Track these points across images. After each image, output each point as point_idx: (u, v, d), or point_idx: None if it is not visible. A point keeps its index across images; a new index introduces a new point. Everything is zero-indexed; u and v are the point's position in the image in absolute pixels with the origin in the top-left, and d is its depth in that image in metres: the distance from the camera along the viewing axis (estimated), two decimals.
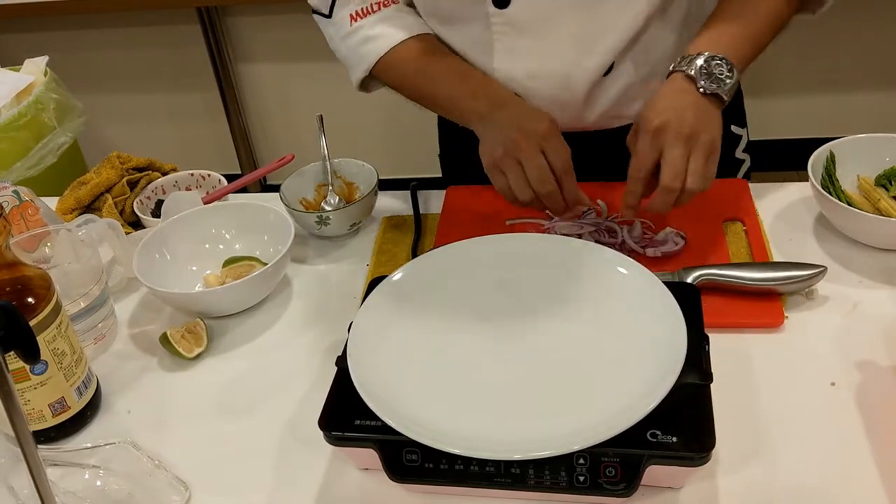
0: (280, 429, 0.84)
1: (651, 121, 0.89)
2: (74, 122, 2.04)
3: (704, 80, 0.91)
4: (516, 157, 0.93)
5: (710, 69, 0.91)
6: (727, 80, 0.91)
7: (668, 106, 0.90)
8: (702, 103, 0.91)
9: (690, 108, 0.90)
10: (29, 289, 0.80)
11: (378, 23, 1.05)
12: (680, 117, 0.88)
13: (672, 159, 0.88)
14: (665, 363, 0.71)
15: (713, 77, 0.91)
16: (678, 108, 0.89)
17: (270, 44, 2.65)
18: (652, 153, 0.89)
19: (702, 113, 0.90)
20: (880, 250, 0.96)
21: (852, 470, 0.73)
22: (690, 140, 0.88)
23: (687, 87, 0.91)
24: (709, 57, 0.91)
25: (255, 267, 1.03)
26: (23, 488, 0.76)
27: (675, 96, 0.91)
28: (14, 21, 2.62)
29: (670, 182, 0.88)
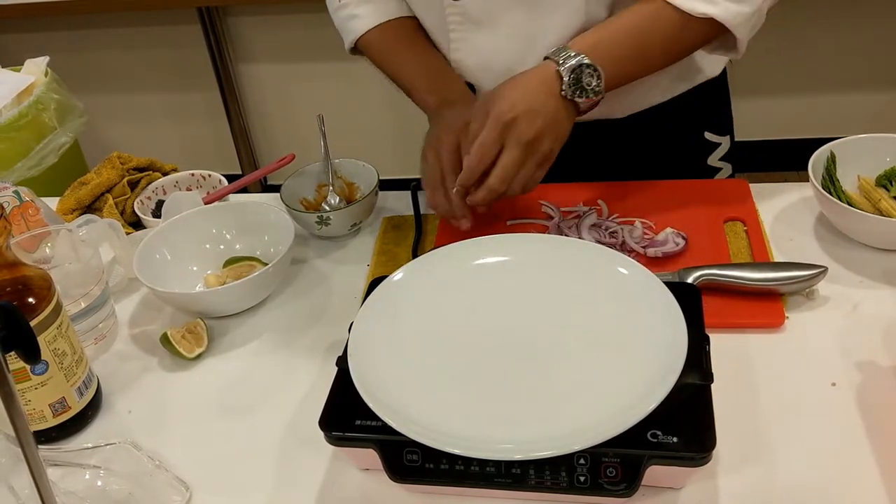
0: (280, 429, 0.84)
1: (504, 113, 0.88)
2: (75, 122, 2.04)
3: (569, 86, 0.89)
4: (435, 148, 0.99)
5: (581, 76, 0.89)
6: (590, 93, 0.90)
7: (524, 101, 0.89)
8: (557, 107, 0.90)
9: (544, 111, 0.89)
10: (29, 289, 0.80)
11: (362, 3, 1.11)
12: (531, 119, 0.88)
13: (507, 163, 0.89)
14: (665, 363, 0.71)
15: (579, 85, 0.89)
16: (533, 109, 0.89)
17: (271, 44, 2.65)
18: (495, 148, 0.90)
19: (552, 118, 0.90)
20: (881, 250, 0.96)
21: (852, 470, 0.73)
22: (531, 146, 0.89)
23: (550, 84, 0.90)
24: (584, 63, 0.89)
25: (256, 267, 1.03)
26: (23, 488, 0.76)
27: (535, 90, 0.90)
28: (15, 21, 2.62)
29: (497, 185, 0.90)
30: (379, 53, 1.13)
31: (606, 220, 1.04)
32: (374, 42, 1.12)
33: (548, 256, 0.87)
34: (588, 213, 1.04)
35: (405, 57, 1.10)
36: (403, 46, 1.11)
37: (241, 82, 2.75)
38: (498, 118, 0.89)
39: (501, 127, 0.89)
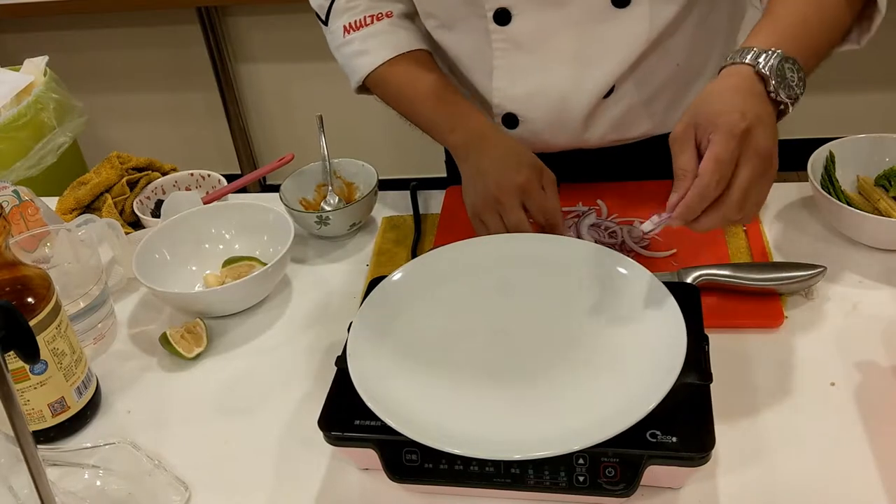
0: (280, 429, 0.84)
1: (737, 124, 0.72)
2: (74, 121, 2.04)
3: (778, 84, 0.76)
4: (497, 211, 0.93)
5: (783, 72, 0.76)
6: (797, 91, 0.77)
7: (751, 110, 0.73)
8: (771, 112, 0.76)
9: (766, 118, 0.74)
10: (29, 289, 0.80)
11: (369, 37, 1.05)
12: (763, 129, 0.73)
13: (746, 179, 0.73)
14: (665, 363, 0.71)
15: (785, 82, 0.76)
16: (760, 117, 0.73)
17: (270, 44, 2.65)
18: (733, 165, 0.73)
19: (772, 125, 0.75)
20: (880, 250, 0.96)
21: (852, 470, 0.73)
22: (767, 162, 0.74)
23: (758, 90, 0.76)
24: (782, 58, 0.76)
25: (255, 267, 1.03)
26: (22, 488, 0.76)
27: (751, 100, 0.75)
28: (14, 21, 2.62)
29: (735, 210, 0.73)
30: (389, 91, 1.06)
31: (606, 219, 1.04)
32: (383, 79, 1.05)
33: (547, 256, 0.87)
34: (587, 212, 1.04)
35: (417, 93, 1.03)
36: (416, 82, 1.03)
37: (240, 82, 2.75)
38: (732, 130, 0.72)
39: (739, 139, 0.72)
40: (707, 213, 0.74)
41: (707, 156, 0.73)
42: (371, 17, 1.05)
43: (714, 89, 0.77)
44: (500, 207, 0.92)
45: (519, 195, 0.92)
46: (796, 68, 0.77)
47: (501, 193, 0.92)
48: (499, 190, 0.92)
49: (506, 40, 1.00)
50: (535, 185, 0.92)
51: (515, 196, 0.92)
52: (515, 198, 0.92)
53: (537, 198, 0.92)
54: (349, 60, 1.07)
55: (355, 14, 1.05)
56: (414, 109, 1.04)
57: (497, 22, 0.98)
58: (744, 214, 0.74)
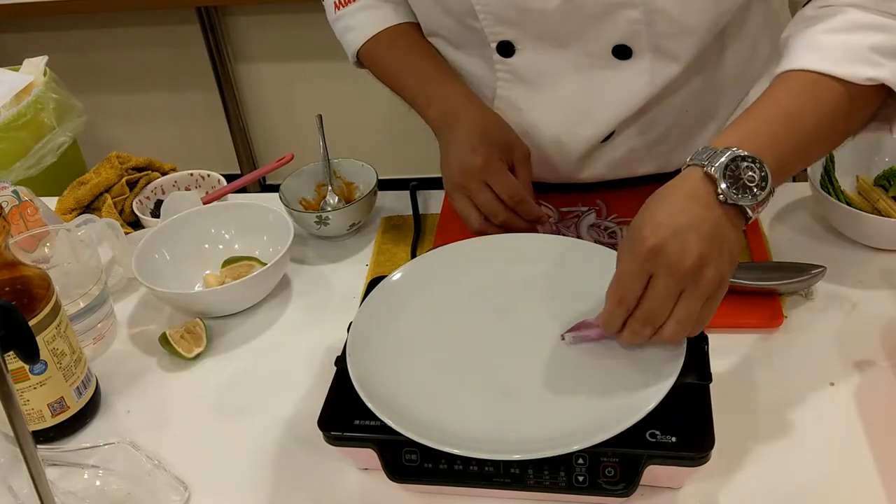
0: (280, 429, 0.84)
1: (644, 240, 0.68)
2: (74, 121, 2.04)
3: (727, 186, 0.69)
4: (465, 194, 0.93)
5: (738, 172, 0.69)
6: (756, 192, 0.69)
7: (670, 221, 0.68)
8: (717, 220, 0.69)
9: (699, 228, 0.68)
10: (28, 289, 0.80)
11: (358, 11, 1.06)
12: (682, 243, 0.67)
13: (654, 297, 0.69)
14: (665, 363, 0.71)
15: (739, 184, 0.69)
16: (683, 228, 0.68)
17: (270, 44, 2.65)
18: (637, 283, 0.69)
19: (714, 235, 0.68)
20: (880, 250, 0.96)
21: (851, 470, 0.73)
22: (687, 278, 0.68)
23: (702, 193, 0.69)
24: (737, 155, 0.69)
25: (255, 267, 1.03)
26: (22, 488, 0.76)
27: (683, 205, 0.69)
28: (14, 21, 2.62)
29: (640, 326, 0.70)
30: (377, 66, 1.06)
31: (605, 220, 1.04)
32: (371, 53, 1.05)
33: (547, 256, 0.87)
34: (587, 213, 1.04)
35: (401, 65, 1.03)
36: (400, 55, 1.04)
37: (240, 82, 2.75)
38: (638, 248, 0.68)
39: (644, 256, 0.68)
40: (625, 331, 0.72)
41: (613, 277, 0.71)
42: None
43: (658, 193, 0.72)
44: (466, 191, 0.92)
45: (480, 177, 0.91)
46: (757, 167, 0.69)
47: (463, 177, 0.92)
48: (461, 174, 0.92)
49: (509, 72, 0.98)
50: (494, 165, 0.91)
51: (476, 179, 0.91)
52: (477, 181, 0.91)
53: (497, 179, 0.91)
54: (342, 36, 1.08)
55: None
56: (398, 85, 1.04)
57: (501, 53, 0.97)
58: (667, 332, 0.70)
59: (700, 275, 0.68)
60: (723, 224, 0.69)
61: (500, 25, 0.93)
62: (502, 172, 0.91)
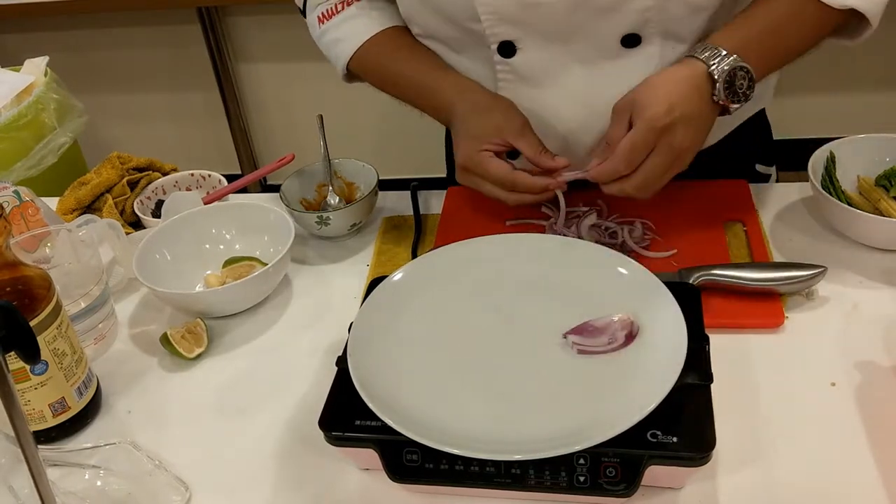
0: (280, 429, 0.84)
1: (660, 118, 0.83)
2: (75, 122, 2.04)
3: (723, 89, 0.84)
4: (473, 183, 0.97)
5: (734, 80, 0.84)
6: (741, 98, 0.85)
7: (680, 105, 0.83)
8: (708, 113, 0.86)
9: (698, 118, 0.85)
10: (29, 289, 0.80)
11: (343, 23, 1.05)
12: (686, 126, 0.84)
13: (651, 169, 0.86)
14: (665, 363, 0.71)
15: (732, 89, 0.84)
16: (688, 115, 0.84)
17: (270, 44, 2.65)
18: (646, 151, 0.85)
19: (703, 125, 0.86)
20: (880, 250, 0.96)
21: (852, 470, 0.73)
22: (680, 155, 0.85)
23: (703, 88, 0.85)
24: (737, 65, 0.84)
25: (256, 267, 1.03)
26: (23, 488, 0.76)
27: (688, 93, 0.84)
28: (14, 21, 2.62)
29: (634, 191, 0.87)
30: (370, 73, 1.05)
31: (606, 220, 1.04)
32: (363, 62, 1.04)
33: (547, 256, 0.87)
34: (588, 213, 1.04)
35: (397, 73, 1.03)
36: (390, 58, 1.03)
37: (240, 82, 2.75)
38: (653, 122, 0.83)
39: (657, 132, 0.83)
40: (612, 183, 0.88)
41: (626, 138, 0.85)
42: (342, 3, 1.05)
43: (665, 76, 0.86)
44: (472, 182, 0.97)
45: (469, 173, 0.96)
46: (748, 77, 0.84)
47: (462, 176, 0.97)
48: (459, 173, 0.97)
49: (511, 72, 0.98)
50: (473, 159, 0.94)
51: (469, 176, 0.96)
52: (471, 176, 0.96)
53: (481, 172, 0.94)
54: (329, 51, 1.08)
55: (328, 3, 1.05)
56: (397, 91, 1.05)
57: (501, 54, 0.96)
58: (642, 195, 0.87)
59: (684, 155, 0.85)
60: (710, 116, 0.86)
61: (503, 25, 0.93)
62: (482, 164, 0.94)
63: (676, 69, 0.86)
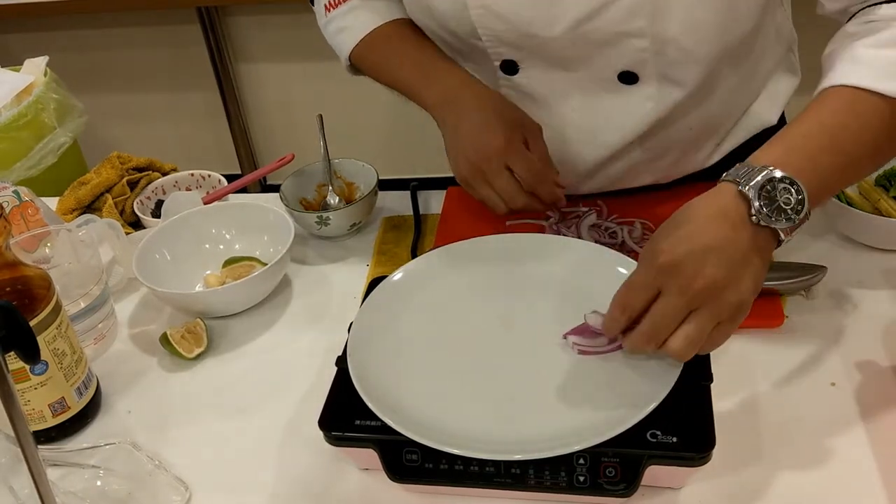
0: (280, 429, 0.84)
1: (661, 254, 0.67)
2: (74, 122, 2.04)
3: (762, 205, 0.66)
4: (483, 179, 0.90)
5: (774, 193, 0.66)
6: (792, 215, 0.67)
7: (692, 239, 0.66)
8: (744, 242, 0.67)
9: (722, 251, 0.66)
10: (29, 289, 0.80)
11: (350, 12, 1.02)
12: (698, 264, 0.65)
13: (657, 312, 0.67)
14: (665, 363, 0.71)
15: (774, 205, 0.66)
16: (703, 248, 0.66)
17: (270, 44, 2.65)
18: (643, 294, 0.68)
19: (738, 259, 0.66)
20: (880, 250, 0.96)
21: (852, 470, 0.73)
22: (699, 299, 0.66)
23: (733, 212, 0.67)
24: (774, 176, 0.67)
25: (255, 267, 1.03)
26: (23, 488, 0.76)
27: (710, 225, 0.67)
28: (14, 21, 2.62)
29: (640, 340, 0.69)
30: (371, 62, 1.02)
31: (606, 220, 1.04)
32: (367, 50, 1.02)
33: (547, 256, 0.87)
34: (587, 213, 1.04)
35: (398, 54, 0.99)
36: (398, 45, 1.00)
37: (240, 82, 2.75)
38: (653, 259, 0.67)
39: (656, 270, 0.67)
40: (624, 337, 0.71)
41: (624, 281, 0.70)
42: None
43: (690, 205, 0.70)
44: (484, 175, 0.89)
45: (500, 159, 0.88)
46: (794, 189, 0.67)
47: (481, 160, 0.88)
48: (478, 156, 0.88)
49: (513, 88, 0.97)
50: (514, 145, 0.88)
51: (496, 161, 0.87)
52: (497, 162, 0.88)
53: (519, 158, 0.87)
54: (334, 39, 1.05)
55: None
56: (394, 76, 1.00)
57: (504, 71, 0.95)
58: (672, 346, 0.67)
59: (716, 297, 0.66)
60: (749, 247, 0.67)
61: (504, 47, 0.92)
62: (523, 152, 0.88)
63: (703, 196, 0.70)
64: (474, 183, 0.91)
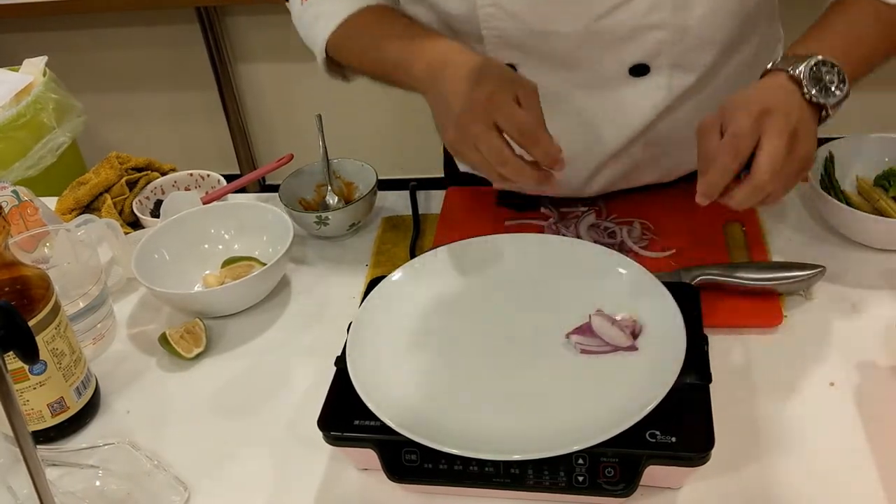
0: (280, 429, 0.84)
1: (754, 103, 0.75)
2: (73, 122, 2.04)
3: (812, 86, 0.77)
4: (471, 141, 0.80)
5: (820, 75, 0.77)
6: (836, 93, 0.78)
7: (773, 99, 0.76)
8: (805, 110, 0.77)
9: (797, 111, 0.76)
10: (28, 289, 0.80)
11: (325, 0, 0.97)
12: (787, 113, 0.75)
13: (774, 149, 0.74)
14: (664, 363, 0.71)
15: (821, 84, 0.77)
16: (785, 103, 0.76)
17: (270, 44, 2.65)
18: (753, 136, 0.74)
19: (805, 118, 0.76)
20: (879, 250, 0.96)
21: (851, 470, 0.73)
22: (792, 140, 0.74)
23: (791, 89, 0.77)
24: (819, 61, 0.78)
25: (254, 267, 1.03)
26: (22, 488, 0.76)
27: (777, 92, 0.77)
28: (13, 21, 2.62)
29: (766, 179, 0.74)
30: (354, 49, 0.95)
31: (605, 220, 1.04)
32: (348, 34, 0.95)
33: (546, 256, 0.87)
34: (586, 213, 1.04)
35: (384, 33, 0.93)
36: (383, 25, 0.94)
37: (239, 82, 2.75)
38: (747, 108, 0.75)
39: (756, 116, 0.74)
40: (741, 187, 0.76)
41: (726, 134, 0.75)
42: None
43: (745, 90, 0.79)
44: (471, 137, 0.79)
45: (487, 115, 0.78)
46: (836, 70, 0.78)
47: (468, 118, 0.79)
48: (465, 114, 0.79)
49: None
50: (502, 97, 0.78)
51: (483, 117, 0.78)
52: (484, 120, 0.78)
53: (507, 112, 0.78)
54: (309, 30, 0.99)
55: None
56: (379, 57, 0.92)
57: None
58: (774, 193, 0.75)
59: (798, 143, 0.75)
60: (808, 115, 0.77)
61: (506, 49, 0.91)
62: (511, 107, 0.79)
63: (760, 82, 0.80)
64: (462, 147, 0.82)
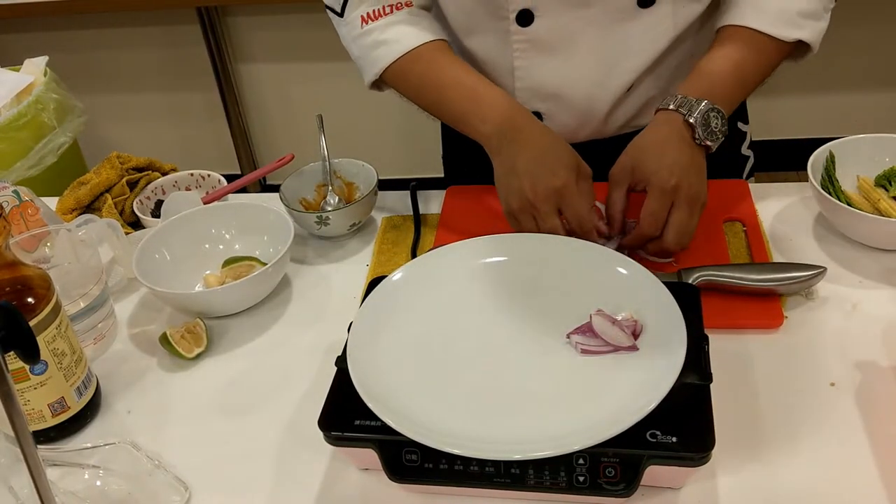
0: (280, 429, 0.84)
1: (666, 181, 0.89)
2: (74, 122, 2.04)
3: (702, 132, 0.91)
4: (532, 215, 0.93)
5: (709, 121, 0.92)
6: (719, 136, 0.93)
7: (677, 163, 0.90)
8: (697, 157, 0.92)
9: (693, 166, 0.91)
10: (29, 289, 0.80)
11: (390, 26, 1.01)
12: (688, 178, 0.90)
13: (679, 222, 0.90)
14: (665, 363, 0.71)
15: (709, 130, 0.92)
16: (685, 167, 0.90)
17: (270, 44, 2.65)
18: (664, 213, 0.90)
19: (699, 169, 0.92)
20: (880, 251, 0.96)
21: (852, 470, 0.73)
22: (694, 202, 0.90)
23: (686, 136, 0.92)
24: (708, 108, 0.92)
25: (255, 267, 1.03)
26: (22, 488, 0.76)
27: (677, 147, 0.91)
28: (14, 21, 2.62)
29: (674, 246, 0.91)
30: (415, 80, 1.01)
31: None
32: (408, 68, 1.01)
33: (547, 256, 0.87)
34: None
35: (447, 81, 0.99)
36: (445, 69, 1.00)
37: (240, 82, 2.75)
38: (663, 189, 0.89)
39: (668, 195, 0.89)
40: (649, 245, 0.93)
41: (644, 209, 0.90)
42: (390, 6, 1.01)
43: (650, 140, 0.92)
44: (535, 213, 0.92)
45: (555, 201, 0.91)
46: (720, 116, 0.92)
47: (537, 199, 0.91)
48: (534, 195, 0.91)
49: (527, 41, 1.00)
50: (571, 188, 0.91)
51: (551, 202, 0.91)
52: (551, 204, 0.91)
53: (573, 203, 0.91)
54: (367, 52, 1.03)
55: (374, 3, 1.01)
56: (440, 100, 1.00)
57: (519, 23, 0.98)
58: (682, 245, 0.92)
59: (699, 199, 0.91)
60: (700, 159, 0.93)
61: None
62: (577, 198, 0.91)
63: (658, 128, 0.93)
64: (521, 217, 0.94)
